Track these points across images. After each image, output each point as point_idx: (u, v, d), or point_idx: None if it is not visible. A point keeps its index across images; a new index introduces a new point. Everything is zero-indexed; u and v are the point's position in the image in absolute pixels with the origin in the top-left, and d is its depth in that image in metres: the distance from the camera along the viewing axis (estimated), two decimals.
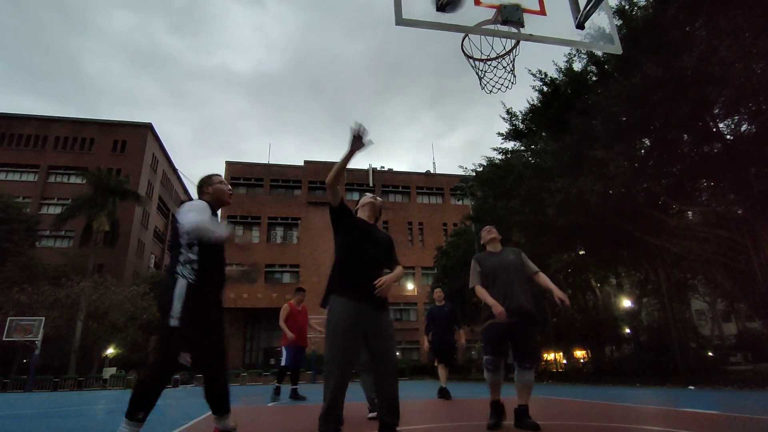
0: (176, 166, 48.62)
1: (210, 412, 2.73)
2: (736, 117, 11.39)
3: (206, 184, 3.16)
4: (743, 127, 11.52)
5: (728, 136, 11.69)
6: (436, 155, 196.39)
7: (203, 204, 2.89)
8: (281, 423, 4.42)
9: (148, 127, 39.75)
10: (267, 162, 42.91)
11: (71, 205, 28.69)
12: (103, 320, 24.76)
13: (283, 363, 8.01)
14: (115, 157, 37.79)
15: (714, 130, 11.71)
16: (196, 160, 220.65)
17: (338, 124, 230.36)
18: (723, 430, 3.30)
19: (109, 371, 24.72)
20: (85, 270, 27.15)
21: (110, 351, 27.18)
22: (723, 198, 12.27)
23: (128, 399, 2.37)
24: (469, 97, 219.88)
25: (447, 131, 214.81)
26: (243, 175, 40.86)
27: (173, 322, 2.46)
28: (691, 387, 9.66)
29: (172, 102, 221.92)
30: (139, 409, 2.34)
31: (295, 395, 7.93)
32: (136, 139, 39.01)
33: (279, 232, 40.15)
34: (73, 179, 36.19)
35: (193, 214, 2.68)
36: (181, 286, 2.57)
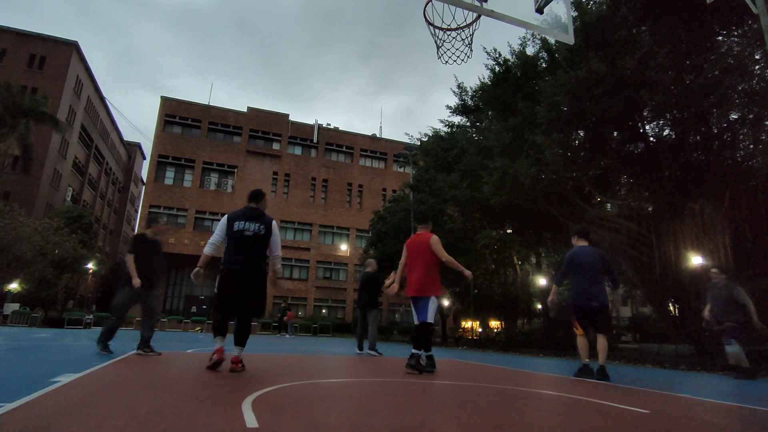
0: (104, 95, 44.45)
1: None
2: (661, 121, 12.33)
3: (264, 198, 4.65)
4: (665, 132, 12.52)
5: (651, 139, 12.65)
6: (368, 117, 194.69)
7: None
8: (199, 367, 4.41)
9: (73, 46, 35.64)
10: (207, 103, 40.43)
11: None
12: (7, 253, 22.69)
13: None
14: (31, 74, 33.72)
15: (641, 131, 12.61)
16: (116, 92, 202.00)
17: (269, 73, 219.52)
18: (596, 394, 3.75)
19: (11, 307, 22.91)
20: None
21: (14, 286, 25.12)
22: (638, 194, 13.38)
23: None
24: (404, 64, 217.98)
25: (379, 93, 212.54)
26: (179, 113, 38.30)
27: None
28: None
29: (84, 23, 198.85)
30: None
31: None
32: (57, 56, 34.85)
33: (213, 178, 38.48)
34: None
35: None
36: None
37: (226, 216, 4.43)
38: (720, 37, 11.05)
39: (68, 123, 34.23)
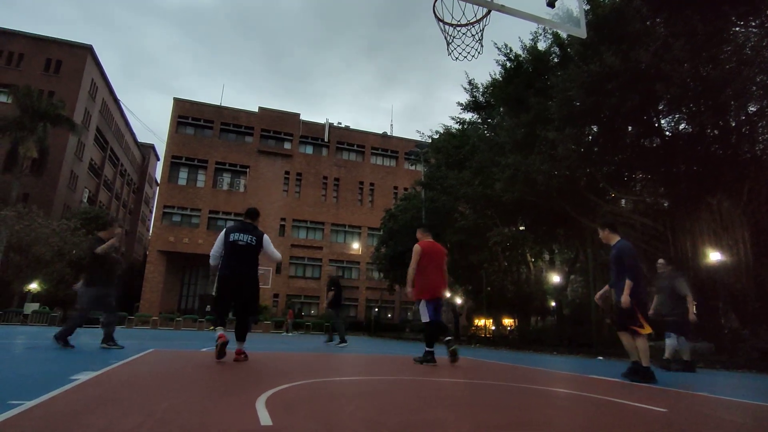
0: (118, 97, 45.12)
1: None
2: (677, 115, 12.09)
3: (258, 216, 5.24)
4: (681, 126, 12.27)
5: (667, 133, 12.42)
6: (375, 114, 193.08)
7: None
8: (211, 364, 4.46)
9: (87, 49, 36.24)
10: (218, 104, 40.79)
11: None
12: (27, 253, 23.20)
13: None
14: (48, 78, 34.36)
15: (656, 125, 12.39)
16: (126, 94, 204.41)
17: (275, 70, 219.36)
18: (611, 392, 3.70)
19: (31, 307, 23.44)
20: (7, 198, 25.08)
21: (33, 286, 25.67)
22: (654, 190, 13.17)
23: None
24: (409, 60, 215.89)
25: (386, 89, 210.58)
26: (192, 114, 38.69)
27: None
28: (600, 358, 10.64)
29: (91, 26, 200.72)
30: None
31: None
32: (73, 60, 35.48)
33: (226, 178, 38.83)
34: None
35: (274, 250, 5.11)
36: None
37: (224, 229, 5.01)
38: (737, 28, 10.80)
39: (84, 126, 34.83)
